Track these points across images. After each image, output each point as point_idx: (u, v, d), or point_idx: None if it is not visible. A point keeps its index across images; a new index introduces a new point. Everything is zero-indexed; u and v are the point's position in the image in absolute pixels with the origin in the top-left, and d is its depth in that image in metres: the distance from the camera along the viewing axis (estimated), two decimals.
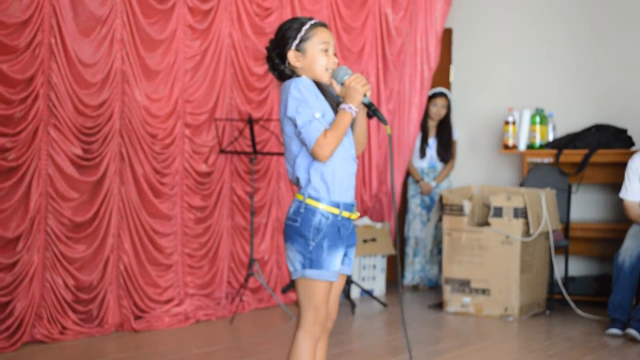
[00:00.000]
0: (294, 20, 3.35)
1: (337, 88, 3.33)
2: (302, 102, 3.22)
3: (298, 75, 3.32)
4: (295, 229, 3.24)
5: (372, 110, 3.34)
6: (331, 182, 3.26)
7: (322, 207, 3.24)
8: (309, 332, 3.23)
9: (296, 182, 3.32)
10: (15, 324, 5.01)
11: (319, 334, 3.26)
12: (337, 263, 3.27)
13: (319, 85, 3.31)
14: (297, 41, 3.29)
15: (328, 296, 3.26)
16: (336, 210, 3.26)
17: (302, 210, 3.24)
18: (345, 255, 3.34)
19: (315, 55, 3.29)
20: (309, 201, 3.24)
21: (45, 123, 5.18)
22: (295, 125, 3.23)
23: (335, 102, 3.30)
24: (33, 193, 5.11)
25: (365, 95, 3.29)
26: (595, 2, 7.55)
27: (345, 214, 3.29)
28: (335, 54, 3.34)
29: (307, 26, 3.30)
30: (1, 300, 4.97)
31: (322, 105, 3.27)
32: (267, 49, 3.37)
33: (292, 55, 3.30)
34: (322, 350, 3.36)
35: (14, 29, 4.97)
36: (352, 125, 3.38)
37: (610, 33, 7.46)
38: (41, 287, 5.19)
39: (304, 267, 3.23)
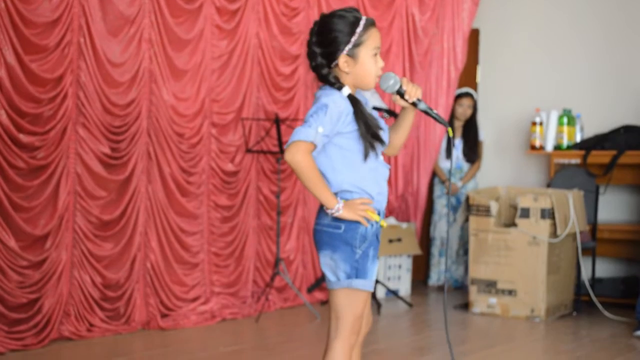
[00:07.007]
0: (342, 17, 2.99)
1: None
2: (322, 122, 2.94)
3: (339, 85, 3.02)
4: (338, 236, 3.01)
5: (432, 116, 3.15)
6: (373, 188, 3.04)
7: None
8: (347, 341, 3.06)
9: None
10: (43, 321, 5.05)
11: (354, 342, 3.11)
12: (376, 271, 3.11)
13: (356, 103, 3.01)
14: (350, 46, 2.98)
15: (366, 305, 3.13)
16: (377, 217, 3.05)
17: None
18: None
19: (367, 61, 3.01)
20: None
21: (73, 122, 5.22)
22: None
23: (369, 120, 3.01)
24: (61, 191, 5.15)
25: (420, 100, 3.11)
26: (623, 3, 7.50)
27: (381, 221, 3.09)
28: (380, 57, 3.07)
29: (360, 28, 2.98)
30: (30, 297, 5.01)
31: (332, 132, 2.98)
32: (310, 44, 3.04)
33: (343, 61, 3.00)
34: (357, 355, 3.25)
35: (43, 29, 5.01)
36: (401, 122, 3.21)
37: None
38: (69, 284, 5.23)
39: (349, 276, 3.02)
